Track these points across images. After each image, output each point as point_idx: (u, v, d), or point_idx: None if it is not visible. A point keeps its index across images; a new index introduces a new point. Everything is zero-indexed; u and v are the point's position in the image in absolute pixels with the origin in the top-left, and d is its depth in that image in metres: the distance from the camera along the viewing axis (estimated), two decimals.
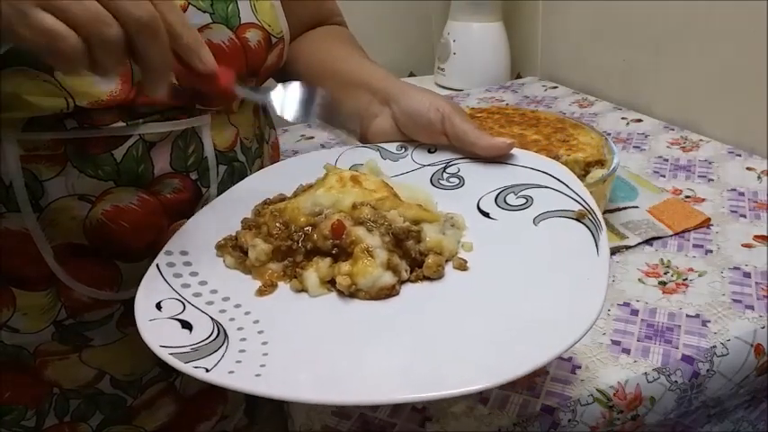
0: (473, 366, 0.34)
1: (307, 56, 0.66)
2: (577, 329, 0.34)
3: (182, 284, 0.42)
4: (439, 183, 0.51)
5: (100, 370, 0.57)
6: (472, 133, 0.50)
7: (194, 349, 0.36)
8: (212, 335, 0.38)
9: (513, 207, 0.46)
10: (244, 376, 0.34)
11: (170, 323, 0.39)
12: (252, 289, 0.43)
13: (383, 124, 0.56)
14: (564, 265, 0.39)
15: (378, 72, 0.59)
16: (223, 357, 0.36)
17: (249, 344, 0.37)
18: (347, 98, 0.60)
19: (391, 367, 0.35)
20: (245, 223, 0.48)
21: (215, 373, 0.34)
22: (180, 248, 0.46)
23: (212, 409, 0.65)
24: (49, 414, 0.56)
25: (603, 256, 0.38)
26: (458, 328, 0.37)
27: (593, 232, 0.40)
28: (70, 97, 0.46)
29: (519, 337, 0.35)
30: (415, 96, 0.53)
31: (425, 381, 0.33)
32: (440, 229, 0.45)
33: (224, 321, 0.39)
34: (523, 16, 1.33)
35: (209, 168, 0.56)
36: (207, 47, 0.41)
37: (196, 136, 0.54)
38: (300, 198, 0.47)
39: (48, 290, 0.52)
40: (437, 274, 0.43)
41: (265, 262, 0.44)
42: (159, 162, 0.52)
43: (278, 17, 0.57)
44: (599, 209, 0.43)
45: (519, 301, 0.38)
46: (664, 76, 1.00)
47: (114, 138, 0.50)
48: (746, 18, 0.82)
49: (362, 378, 0.34)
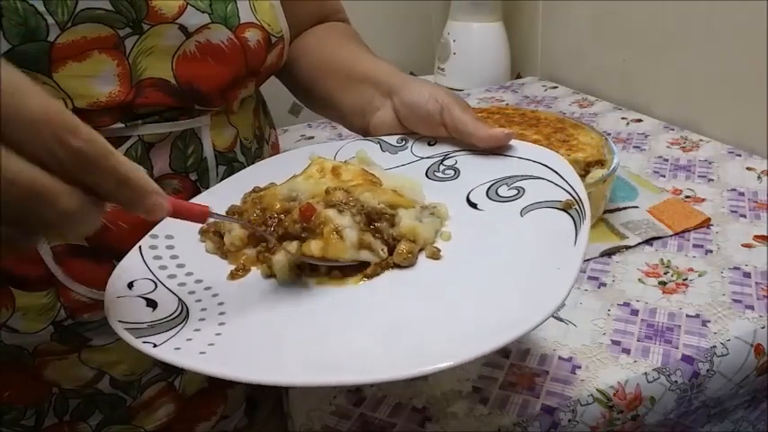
0: (428, 349, 0.33)
1: (310, 52, 0.66)
2: (533, 318, 0.33)
3: (159, 266, 0.43)
4: (434, 175, 0.51)
5: (99, 370, 0.57)
6: (471, 124, 0.49)
7: (150, 326, 0.36)
8: (174, 313, 0.38)
9: (503, 198, 0.46)
10: (187, 353, 0.34)
11: (136, 301, 0.39)
12: (226, 273, 0.43)
13: (384, 117, 0.56)
14: (537, 255, 0.39)
15: (383, 66, 0.59)
16: (176, 335, 0.36)
17: (206, 323, 0.37)
18: (351, 93, 0.59)
19: (344, 350, 0.35)
20: (230, 210, 0.48)
21: (161, 349, 0.34)
22: (166, 232, 0.46)
23: (212, 410, 0.65)
24: (48, 414, 0.56)
25: (580, 246, 0.37)
26: (419, 314, 0.37)
27: (576, 222, 0.40)
28: (68, 99, 0.46)
29: (477, 323, 0.35)
30: (415, 88, 0.53)
31: (376, 363, 0.33)
32: (416, 216, 0.45)
33: (190, 302, 0.40)
34: (523, 16, 1.33)
35: (209, 169, 0.56)
36: (154, 193, 0.33)
37: (195, 137, 0.54)
38: (280, 186, 0.47)
39: (47, 290, 0.52)
40: (407, 261, 0.42)
41: (240, 247, 0.44)
42: (158, 163, 0.52)
43: (277, 17, 0.57)
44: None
45: (484, 290, 0.38)
46: (664, 76, 1.00)
47: (113, 139, 0.49)
48: (746, 18, 0.82)
49: (308, 360, 0.34)
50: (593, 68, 1.16)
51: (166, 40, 0.49)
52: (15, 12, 0.43)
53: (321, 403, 0.49)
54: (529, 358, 0.51)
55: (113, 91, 0.48)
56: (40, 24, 0.44)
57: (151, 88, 0.50)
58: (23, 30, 0.44)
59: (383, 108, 0.56)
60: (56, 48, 0.45)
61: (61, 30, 0.45)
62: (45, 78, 0.45)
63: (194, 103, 0.53)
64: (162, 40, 0.49)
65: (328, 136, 1.02)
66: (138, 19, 0.48)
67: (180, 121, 0.52)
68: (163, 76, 0.50)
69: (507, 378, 0.49)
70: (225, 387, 0.65)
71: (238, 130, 0.59)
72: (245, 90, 0.57)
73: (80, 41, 0.46)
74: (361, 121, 0.58)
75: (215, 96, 0.53)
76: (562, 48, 1.24)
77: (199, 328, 0.37)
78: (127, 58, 0.48)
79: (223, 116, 0.57)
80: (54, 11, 0.44)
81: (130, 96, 0.49)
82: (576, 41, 1.19)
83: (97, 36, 0.46)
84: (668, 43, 0.97)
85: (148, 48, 0.49)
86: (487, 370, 0.50)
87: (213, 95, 0.53)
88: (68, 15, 0.45)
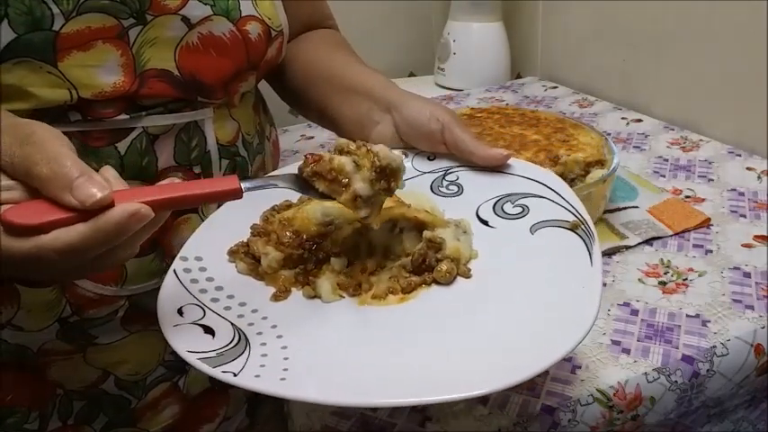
0: (478, 372, 0.35)
1: (304, 59, 0.66)
2: (575, 335, 0.35)
3: (199, 290, 0.44)
4: (439, 190, 0.52)
5: (104, 370, 0.57)
6: (471, 143, 0.51)
7: (219, 354, 0.38)
8: (234, 340, 0.39)
9: (510, 216, 0.47)
10: (270, 379, 0.36)
11: (193, 328, 0.40)
12: (265, 294, 0.45)
13: (384, 131, 0.56)
14: (561, 274, 0.41)
15: (379, 79, 0.60)
16: (247, 362, 0.37)
17: (269, 348, 0.39)
18: (346, 104, 0.60)
19: (407, 369, 0.36)
20: (255, 230, 0.49)
21: (242, 377, 0.36)
22: (194, 254, 0.46)
23: (215, 411, 0.65)
24: (52, 416, 0.56)
25: (597, 266, 0.40)
26: (464, 335, 0.39)
27: (587, 242, 0.42)
28: (74, 89, 0.47)
29: (521, 343, 0.37)
30: (416, 106, 0.54)
31: (439, 384, 0.34)
32: (454, 235, 0.46)
33: (243, 326, 0.41)
34: (523, 16, 1.33)
35: (213, 162, 0.56)
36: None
37: (199, 129, 0.54)
38: (308, 208, 0.48)
39: (52, 286, 0.52)
40: (448, 280, 0.44)
41: (277, 269, 0.46)
42: (163, 155, 0.53)
43: (277, 11, 0.58)
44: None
45: (521, 310, 0.40)
46: (664, 76, 1.00)
47: (118, 130, 0.50)
48: (746, 18, 0.82)
49: (377, 379, 0.36)
50: (593, 68, 1.16)
51: (169, 31, 0.50)
52: (21, 1, 0.44)
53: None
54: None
55: (117, 81, 0.48)
56: (45, 13, 0.45)
57: (155, 79, 0.50)
58: (29, 19, 0.44)
59: (383, 123, 0.57)
60: (61, 37, 0.45)
61: (66, 19, 0.45)
62: (50, 68, 0.46)
63: (197, 94, 0.53)
64: (165, 31, 0.50)
65: (328, 136, 1.02)
66: (141, 9, 0.48)
67: (183, 113, 0.53)
68: (166, 67, 0.51)
69: None
70: (227, 387, 0.65)
71: (240, 125, 0.59)
72: (245, 83, 0.58)
73: (84, 31, 0.46)
74: (360, 134, 0.59)
75: (217, 88, 0.54)
76: (562, 48, 1.24)
77: (266, 353, 0.38)
78: (131, 48, 0.49)
79: (225, 110, 0.57)
80: (59, 0, 0.45)
81: (134, 87, 0.49)
82: (576, 41, 1.19)
83: (101, 26, 0.47)
84: (668, 43, 0.97)
85: (152, 38, 0.49)
86: None
87: (216, 87, 0.54)
88: (73, 5, 0.45)
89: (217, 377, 0.35)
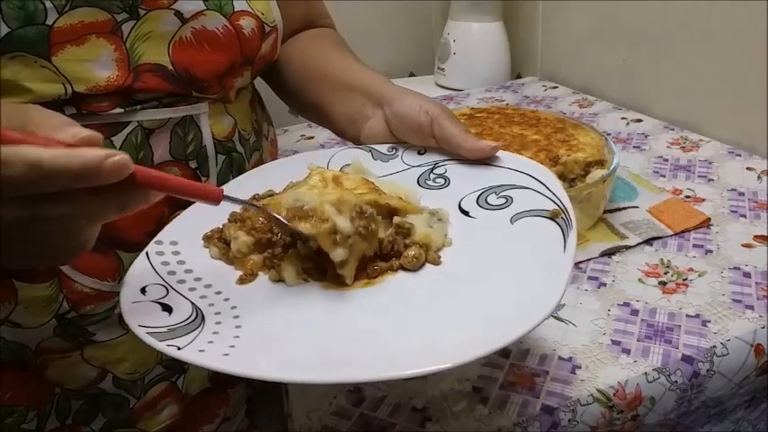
0: (434, 350, 0.35)
1: (299, 58, 0.66)
2: (535, 317, 0.35)
3: (168, 272, 0.44)
4: (426, 183, 0.52)
5: (102, 369, 0.57)
6: (459, 136, 0.51)
7: (171, 330, 0.38)
8: (190, 317, 0.39)
9: (493, 206, 0.47)
10: (212, 355, 0.35)
11: (152, 306, 0.40)
12: (234, 278, 0.45)
13: (376, 126, 0.56)
14: (530, 261, 0.41)
15: (373, 76, 0.60)
16: (197, 338, 0.37)
17: (223, 326, 0.39)
18: (341, 101, 0.60)
19: (358, 350, 0.36)
20: (232, 216, 0.49)
21: (186, 351, 0.35)
22: (170, 238, 0.47)
23: (214, 411, 0.65)
24: (50, 416, 0.56)
25: (569, 253, 0.40)
26: (424, 315, 0.39)
27: (564, 230, 0.42)
28: (68, 83, 0.47)
29: (479, 324, 0.37)
30: (406, 100, 0.54)
31: (393, 361, 0.34)
32: (427, 222, 0.46)
33: (203, 306, 0.41)
34: (523, 16, 1.33)
35: (209, 157, 0.56)
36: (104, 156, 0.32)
37: (194, 124, 0.55)
38: (283, 195, 0.48)
39: (49, 281, 0.52)
40: (414, 265, 0.44)
41: (247, 254, 0.46)
42: (159, 149, 0.53)
43: (270, 7, 0.58)
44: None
45: (484, 292, 0.40)
46: (664, 76, 1.00)
47: (113, 124, 0.50)
48: (746, 18, 0.82)
49: (329, 359, 0.36)
50: (593, 68, 1.16)
51: (163, 25, 0.50)
52: None
53: (321, 403, 0.49)
54: (529, 358, 0.51)
55: (112, 75, 0.48)
56: (38, 8, 0.45)
57: (149, 73, 0.50)
58: (22, 13, 0.44)
59: (374, 117, 0.57)
60: (54, 31, 0.46)
61: (59, 13, 0.45)
62: (44, 62, 0.46)
63: (191, 89, 0.53)
64: (158, 26, 0.50)
65: (328, 136, 1.02)
66: (134, 4, 0.49)
67: (178, 107, 0.53)
68: (160, 61, 0.51)
69: (507, 378, 0.49)
70: (226, 387, 0.65)
71: (236, 121, 0.59)
72: (241, 79, 0.58)
73: (78, 26, 0.47)
74: (352, 129, 0.59)
75: (212, 83, 0.54)
76: (562, 48, 1.24)
77: (217, 331, 0.38)
78: (124, 43, 0.49)
79: (221, 105, 0.57)
80: None
81: (129, 81, 0.49)
82: (576, 41, 1.19)
83: (94, 20, 0.47)
84: (668, 43, 0.97)
85: (145, 33, 0.50)
86: (487, 370, 0.50)
87: (210, 82, 0.54)
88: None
89: (162, 351, 0.36)
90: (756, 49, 0.81)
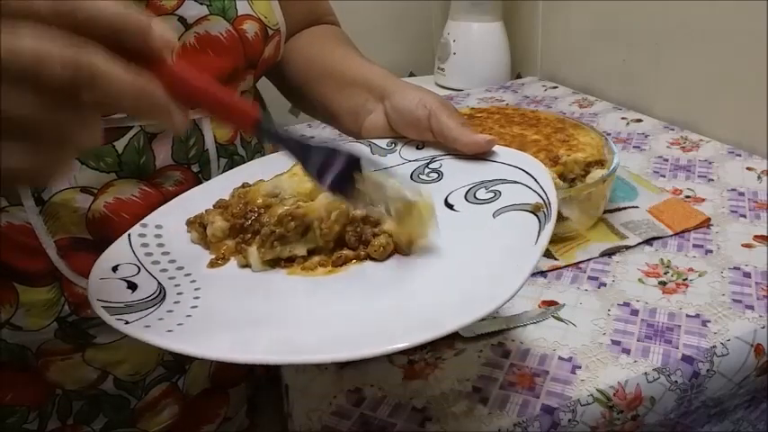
0: (389, 331, 0.35)
1: (304, 55, 0.66)
2: (489, 305, 0.34)
3: (145, 253, 0.44)
4: (419, 177, 0.52)
5: (103, 370, 0.57)
6: (455, 130, 0.50)
7: (128, 305, 0.38)
8: (152, 295, 0.39)
9: (479, 201, 0.47)
10: (156, 331, 0.35)
11: (118, 283, 0.41)
12: (207, 262, 0.45)
13: (376, 120, 0.56)
14: (499, 253, 0.40)
15: (376, 70, 0.60)
16: (149, 315, 0.37)
17: (180, 306, 0.39)
18: (344, 96, 0.60)
19: (316, 329, 0.36)
20: (217, 203, 0.49)
21: (132, 326, 0.35)
22: (156, 222, 0.48)
23: (215, 411, 0.65)
24: (51, 417, 0.56)
25: (539, 246, 0.39)
26: (383, 299, 0.39)
27: (541, 223, 0.41)
28: None
29: (437, 308, 0.36)
30: (405, 94, 0.54)
31: (346, 342, 0.34)
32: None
33: (168, 286, 0.41)
34: (523, 16, 1.33)
35: (211, 161, 0.56)
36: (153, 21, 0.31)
37: (197, 128, 0.54)
38: (266, 183, 0.48)
39: (51, 285, 0.52)
40: (381, 255, 0.43)
41: (222, 238, 0.46)
42: (161, 154, 0.53)
43: (273, 10, 0.58)
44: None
45: (444, 280, 0.40)
46: (664, 76, 1.00)
47: (115, 129, 0.50)
48: (746, 18, 0.82)
49: (278, 340, 0.35)
50: (593, 68, 1.16)
51: None
52: None
53: (321, 403, 0.49)
54: (529, 358, 0.51)
55: None
56: None
57: None
58: None
59: (375, 112, 0.57)
60: None
61: None
62: None
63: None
64: None
65: (328, 136, 1.02)
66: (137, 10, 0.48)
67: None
68: None
69: (507, 378, 0.49)
70: (227, 387, 0.65)
71: None
72: (243, 83, 0.58)
73: None
74: (354, 123, 0.58)
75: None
76: (562, 48, 1.24)
77: (172, 309, 0.38)
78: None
79: None
80: None
81: None
82: (576, 41, 1.19)
83: None
84: (668, 43, 0.97)
85: None
86: (487, 370, 0.50)
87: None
88: None
89: (111, 324, 0.35)
90: (756, 49, 0.81)
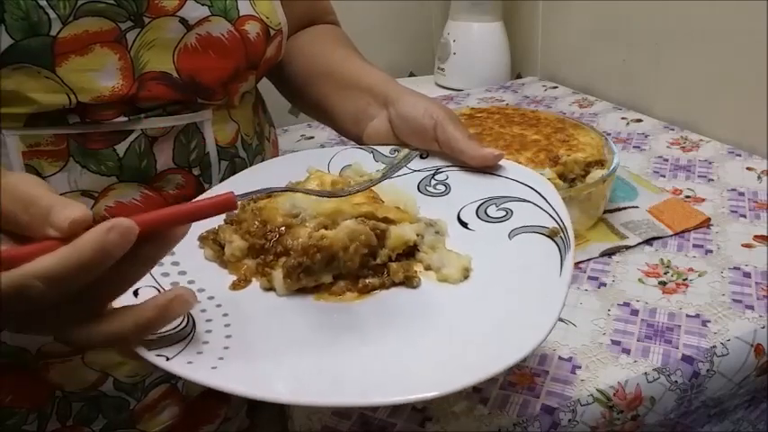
0: (421, 376, 0.34)
1: (304, 55, 0.66)
2: (526, 346, 0.34)
3: (161, 273, 0.43)
4: (426, 189, 0.51)
5: (103, 372, 0.57)
6: (462, 142, 0.50)
7: (160, 337, 0.37)
8: (181, 324, 0.38)
9: (492, 219, 0.46)
10: (201, 367, 0.35)
11: None
12: (227, 282, 0.44)
13: (379, 127, 0.56)
14: (526, 282, 0.40)
15: (379, 75, 0.59)
16: (186, 347, 0.36)
17: (213, 336, 0.38)
18: (345, 99, 0.60)
19: (352, 369, 0.35)
20: (229, 218, 0.48)
21: (174, 363, 0.35)
22: None
23: (215, 412, 0.65)
24: (51, 418, 0.56)
25: (565, 277, 0.38)
26: (413, 338, 0.38)
27: (562, 251, 0.40)
28: (72, 93, 0.47)
29: (469, 349, 0.36)
30: (411, 101, 0.53)
31: (382, 385, 0.34)
32: (419, 231, 0.45)
33: (195, 312, 0.40)
34: (523, 16, 1.33)
35: (212, 164, 0.56)
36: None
37: (198, 131, 0.54)
38: (280, 199, 0.47)
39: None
40: (399, 278, 0.43)
41: (240, 258, 0.45)
42: (162, 157, 0.52)
43: (275, 9, 0.58)
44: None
45: (476, 317, 0.39)
46: (664, 76, 1.00)
47: (116, 133, 0.50)
48: (746, 18, 0.82)
49: (320, 379, 0.35)
50: (593, 68, 1.16)
51: (167, 33, 0.50)
52: (17, 6, 0.43)
53: None
54: (529, 358, 0.51)
55: (116, 85, 0.48)
56: (42, 18, 0.44)
57: (153, 82, 0.50)
58: (26, 24, 0.44)
59: (378, 118, 0.56)
60: (58, 42, 0.45)
61: (63, 23, 0.45)
62: (48, 73, 0.45)
63: (196, 96, 0.53)
64: (163, 33, 0.50)
65: (328, 136, 1.02)
66: (139, 12, 0.48)
67: (182, 115, 0.53)
68: (165, 69, 0.50)
69: (507, 378, 0.49)
70: None
71: (239, 126, 0.59)
72: (245, 84, 0.58)
73: (82, 35, 0.46)
74: (356, 128, 0.58)
75: (217, 89, 0.54)
76: (562, 48, 1.24)
77: (207, 340, 0.37)
78: (129, 51, 0.49)
79: (225, 111, 0.57)
80: (56, 4, 0.44)
81: (133, 90, 0.49)
82: (576, 41, 1.19)
83: (99, 29, 0.47)
84: (668, 43, 0.97)
85: (150, 41, 0.49)
86: None
87: (215, 88, 0.53)
88: (70, 9, 0.45)
89: (151, 360, 0.34)
90: (756, 49, 0.81)
